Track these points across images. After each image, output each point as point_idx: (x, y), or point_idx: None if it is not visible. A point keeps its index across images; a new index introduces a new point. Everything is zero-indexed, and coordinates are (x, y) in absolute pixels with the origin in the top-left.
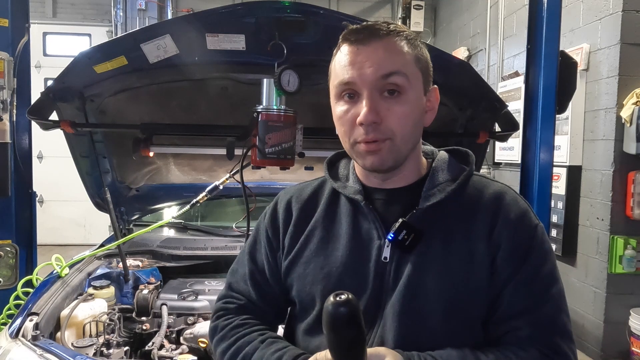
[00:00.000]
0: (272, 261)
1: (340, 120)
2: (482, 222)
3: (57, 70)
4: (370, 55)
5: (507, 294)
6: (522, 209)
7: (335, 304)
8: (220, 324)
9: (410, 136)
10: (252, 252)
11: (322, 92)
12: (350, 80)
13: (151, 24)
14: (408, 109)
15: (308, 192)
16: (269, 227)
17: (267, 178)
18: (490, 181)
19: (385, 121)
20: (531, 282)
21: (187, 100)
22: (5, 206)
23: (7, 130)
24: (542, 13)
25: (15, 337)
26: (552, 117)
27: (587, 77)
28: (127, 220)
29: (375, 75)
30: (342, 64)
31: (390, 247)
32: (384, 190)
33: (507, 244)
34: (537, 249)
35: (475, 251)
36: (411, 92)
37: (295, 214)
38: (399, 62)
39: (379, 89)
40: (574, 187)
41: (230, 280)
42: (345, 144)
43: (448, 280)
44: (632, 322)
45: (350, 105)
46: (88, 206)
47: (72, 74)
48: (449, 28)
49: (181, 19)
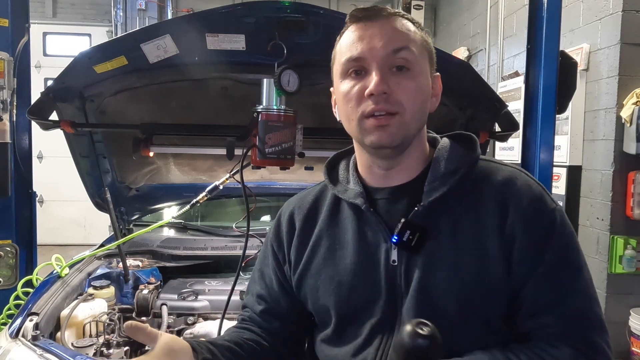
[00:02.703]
0: (281, 276)
1: (346, 97)
2: (492, 213)
3: (57, 70)
4: (380, 30)
5: (530, 288)
6: (535, 194)
7: (414, 335)
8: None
9: (418, 113)
10: (261, 269)
11: (322, 92)
12: (360, 55)
13: (151, 24)
14: (417, 85)
15: (310, 200)
16: (274, 242)
17: (267, 178)
18: (498, 166)
19: (394, 94)
20: (555, 273)
21: (187, 100)
22: (5, 206)
23: (7, 130)
24: (542, 13)
25: (15, 337)
26: (552, 117)
27: (587, 77)
28: (127, 220)
29: (386, 50)
30: (350, 41)
31: (397, 249)
32: (387, 189)
33: (523, 235)
34: (557, 236)
35: (486, 245)
36: (419, 69)
37: (299, 225)
38: (408, 38)
39: (388, 64)
40: (574, 187)
41: (245, 301)
42: (352, 123)
43: (460, 278)
44: (632, 322)
45: (356, 80)
46: (88, 206)
47: (72, 74)
48: (449, 28)
49: (181, 19)
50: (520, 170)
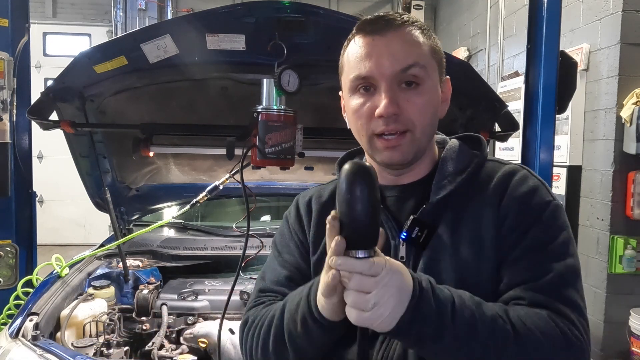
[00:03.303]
0: (302, 261)
1: (356, 114)
2: (490, 204)
3: (57, 70)
4: (388, 47)
5: (507, 265)
6: (532, 185)
7: (354, 165)
8: (250, 315)
9: (429, 128)
10: (281, 256)
11: (322, 92)
12: (368, 74)
13: (151, 24)
14: (426, 100)
15: (327, 194)
16: (297, 229)
17: (267, 178)
18: (502, 164)
19: (404, 112)
20: (533, 255)
21: (187, 100)
22: (5, 206)
23: (7, 130)
24: (542, 13)
25: (15, 337)
26: (552, 117)
27: (587, 77)
28: (127, 220)
29: (394, 69)
30: (358, 56)
31: (405, 246)
32: (397, 187)
33: (512, 216)
34: (545, 224)
35: (484, 236)
36: (429, 83)
37: (315, 214)
38: (417, 53)
39: (397, 81)
40: (574, 187)
41: (261, 286)
42: (362, 139)
43: (459, 271)
44: (632, 322)
45: (366, 98)
46: (88, 206)
47: (72, 74)
48: (449, 28)
49: (181, 19)
50: (522, 167)
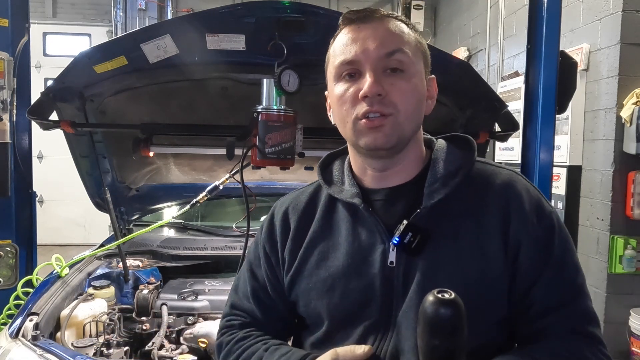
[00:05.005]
0: (272, 277)
1: (340, 100)
2: (493, 217)
3: (57, 70)
4: (373, 32)
5: (538, 289)
6: (535, 199)
7: (436, 302)
8: (224, 340)
9: (413, 114)
10: (252, 269)
11: (322, 92)
12: (354, 58)
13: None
14: (411, 87)
15: (304, 201)
16: (266, 242)
17: (267, 178)
18: (495, 168)
19: (388, 95)
20: (560, 276)
21: (187, 100)
22: (5, 206)
23: (7, 130)
24: (542, 13)
25: (15, 337)
26: (552, 117)
27: (587, 77)
28: (127, 220)
29: (379, 52)
30: (344, 43)
31: (395, 251)
32: (383, 190)
33: (528, 239)
34: (558, 239)
35: (488, 248)
36: (413, 70)
37: (293, 226)
38: (402, 40)
39: (382, 67)
40: (574, 187)
41: (233, 299)
42: (347, 125)
43: (461, 282)
44: (632, 322)
45: (350, 83)
46: (88, 206)
47: (72, 74)
48: (449, 28)
49: (181, 19)
50: (517, 173)
